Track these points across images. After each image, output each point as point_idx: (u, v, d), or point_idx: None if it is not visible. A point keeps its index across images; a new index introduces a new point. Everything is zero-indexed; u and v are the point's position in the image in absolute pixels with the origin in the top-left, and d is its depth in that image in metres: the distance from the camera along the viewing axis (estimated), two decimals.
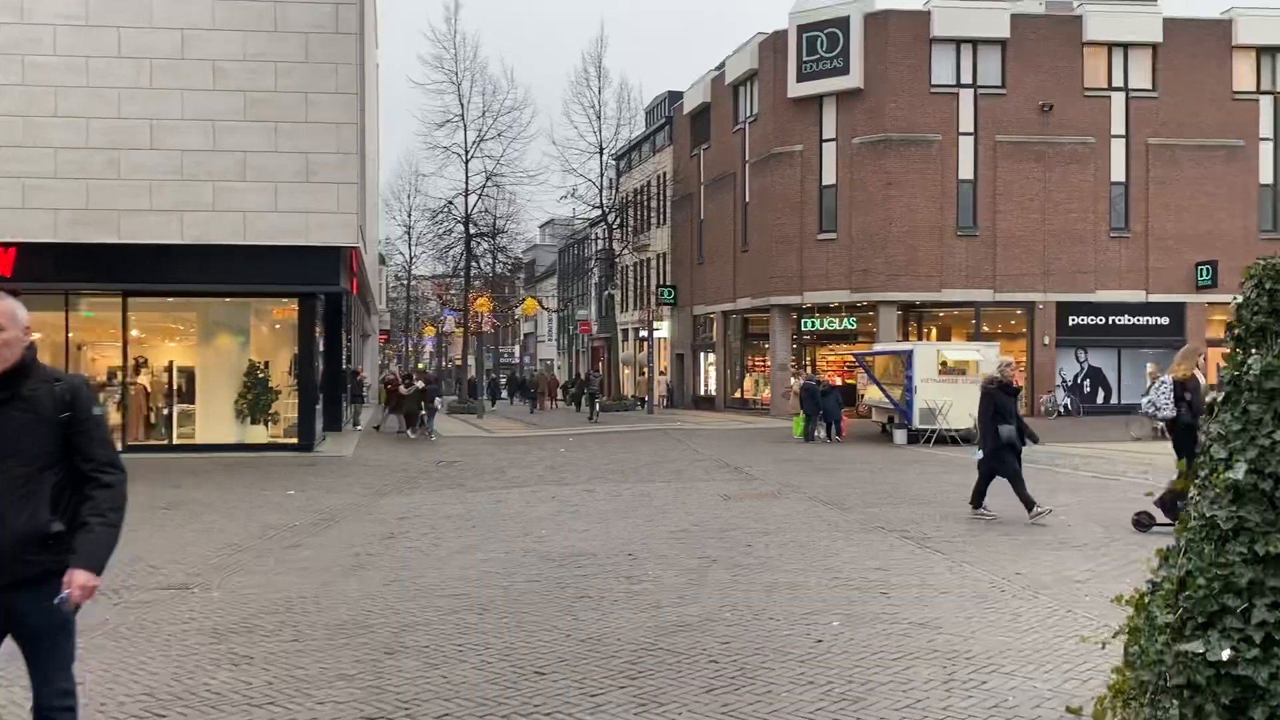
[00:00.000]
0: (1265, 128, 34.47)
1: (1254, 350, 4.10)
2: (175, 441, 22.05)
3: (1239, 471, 3.88)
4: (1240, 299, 4.30)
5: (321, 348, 26.66)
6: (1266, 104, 34.48)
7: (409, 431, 27.33)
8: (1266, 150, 34.51)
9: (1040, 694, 5.05)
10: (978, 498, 11.43)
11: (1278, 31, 34.02)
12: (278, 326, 23.48)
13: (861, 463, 18.79)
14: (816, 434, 26.25)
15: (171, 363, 22.58)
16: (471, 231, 41.88)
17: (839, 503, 12.64)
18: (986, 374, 11.88)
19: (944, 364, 24.63)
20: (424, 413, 27.21)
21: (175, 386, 22.49)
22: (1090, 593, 7.44)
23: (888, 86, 33.48)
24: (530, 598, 7.57)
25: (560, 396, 50.05)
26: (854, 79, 33.57)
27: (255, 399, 22.29)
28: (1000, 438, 11.09)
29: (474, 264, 44.06)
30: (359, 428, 29.69)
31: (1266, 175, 34.54)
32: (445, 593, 7.79)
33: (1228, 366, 4.20)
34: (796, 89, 34.64)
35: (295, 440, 22.11)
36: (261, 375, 22.36)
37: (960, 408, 23.93)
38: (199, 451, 21.42)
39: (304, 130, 21.01)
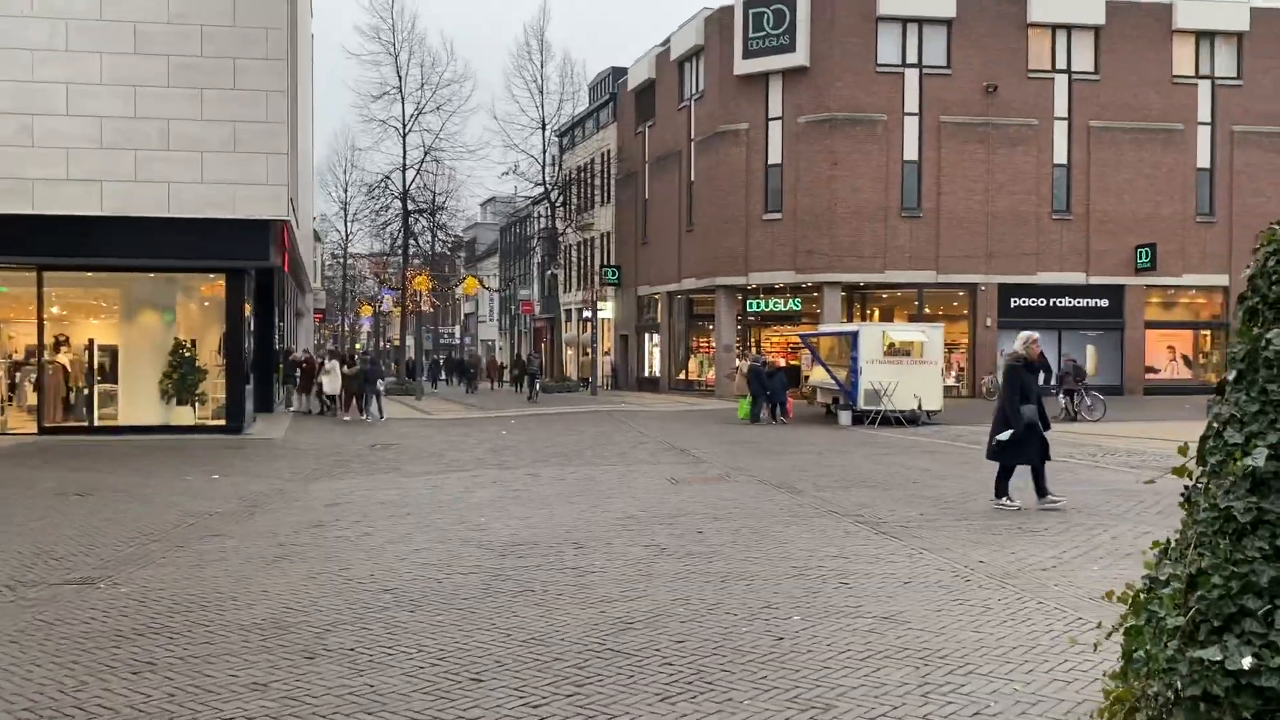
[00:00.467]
0: (1203, 112, 34.83)
1: (1275, 324, 3.69)
2: (96, 423, 21.05)
3: (1259, 458, 3.48)
4: (1253, 268, 3.89)
5: (253, 326, 25.78)
6: (1204, 88, 34.83)
7: (345, 414, 26.66)
8: (1204, 134, 34.89)
9: (1024, 699, 4.65)
10: (1001, 488, 10.54)
11: (1216, 16, 34.36)
12: (206, 304, 22.50)
13: (808, 445, 18.49)
14: (762, 415, 25.99)
15: (92, 341, 21.52)
16: (410, 208, 40.86)
17: (789, 486, 12.25)
18: (1010, 351, 10.73)
19: (890, 345, 24.43)
20: (365, 394, 26.52)
21: (97, 366, 21.44)
22: (1058, 581, 7.11)
23: (833, 65, 33.20)
24: (468, 592, 7.03)
25: (504, 378, 49.35)
26: (800, 57, 33.21)
27: (181, 379, 21.33)
28: (1023, 419, 10.20)
29: (412, 242, 43.07)
30: (292, 409, 28.76)
31: (1203, 159, 34.92)
32: (375, 587, 7.23)
33: (1240, 341, 3.79)
34: (742, 66, 34.20)
35: (224, 422, 21.23)
36: (188, 354, 21.41)
37: (905, 388, 23.84)
38: (121, 434, 20.45)
39: (231, 98, 20.05)
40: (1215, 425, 3.78)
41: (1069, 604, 6.39)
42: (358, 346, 73.26)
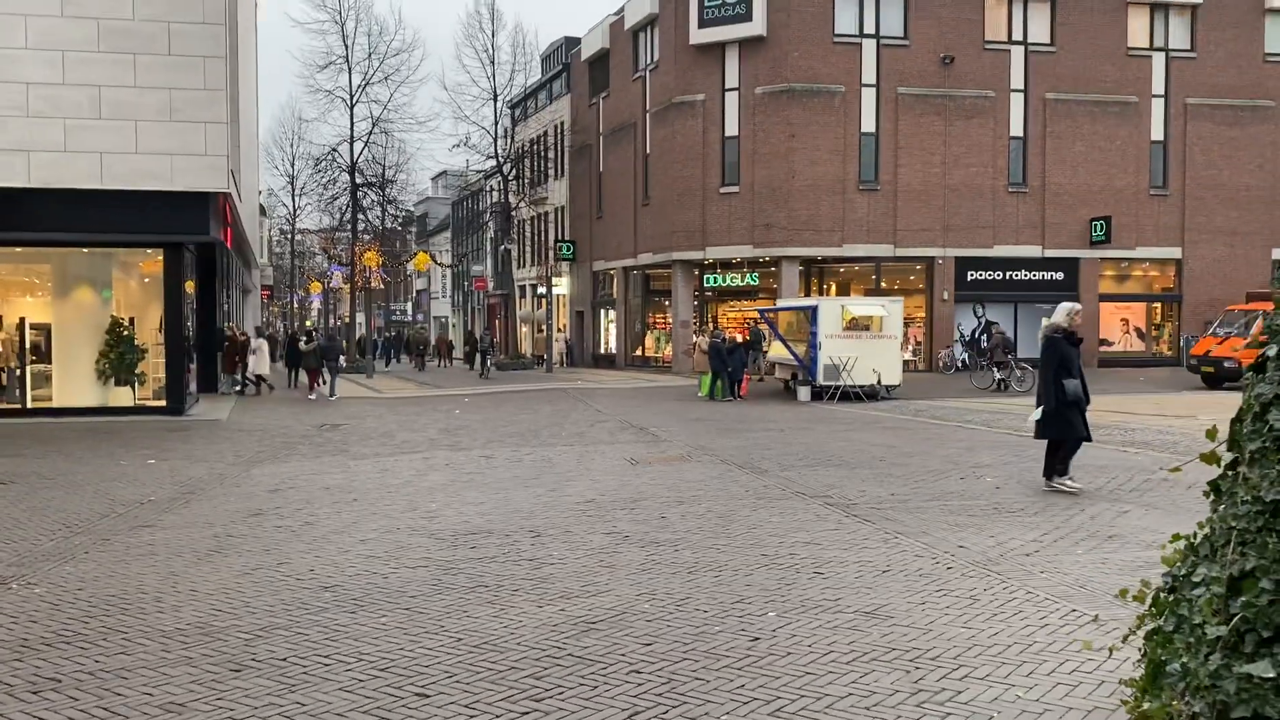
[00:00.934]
0: (1157, 85, 34.83)
1: None
2: (29, 405, 20.14)
3: None
4: None
5: (195, 304, 24.87)
6: (1159, 61, 34.82)
7: (311, 394, 26.26)
8: (1158, 107, 34.90)
9: (1031, 708, 4.24)
10: (1050, 467, 10.02)
11: None
12: (146, 280, 21.60)
13: (769, 422, 18.11)
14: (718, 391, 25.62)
15: (24, 319, 20.56)
16: (358, 181, 39.81)
17: (753, 466, 11.83)
18: (1050, 321, 10.17)
19: (849, 320, 24.13)
20: (327, 371, 26.34)
21: (29, 345, 20.48)
22: (1043, 567, 6.74)
23: (791, 35, 32.70)
24: (415, 589, 6.51)
25: (454, 355, 48.58)
26: (757, 26, 32.66)
27: (119, 358, 20.48)
28: (1066, 394, 9.69)
29: (361, 216, 42.02)
30: (239, 389, 27.85)
31: (1157, 132, 34.95)
32: (314, 584, 6.68)
33: None
34: (698, 35, 33.57)
35: (164, 403, 20.41)
36: (126, 333, 20.56)
37: (864, 363, 23.58)
38: (57, 416, 19.59)
39: (166, 64, 19.08)
40: (1255, 407, 3.36)
41: (1059, 593, 6.02)
42: (309, 324, 71.83)
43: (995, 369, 25.73)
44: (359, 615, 5.90)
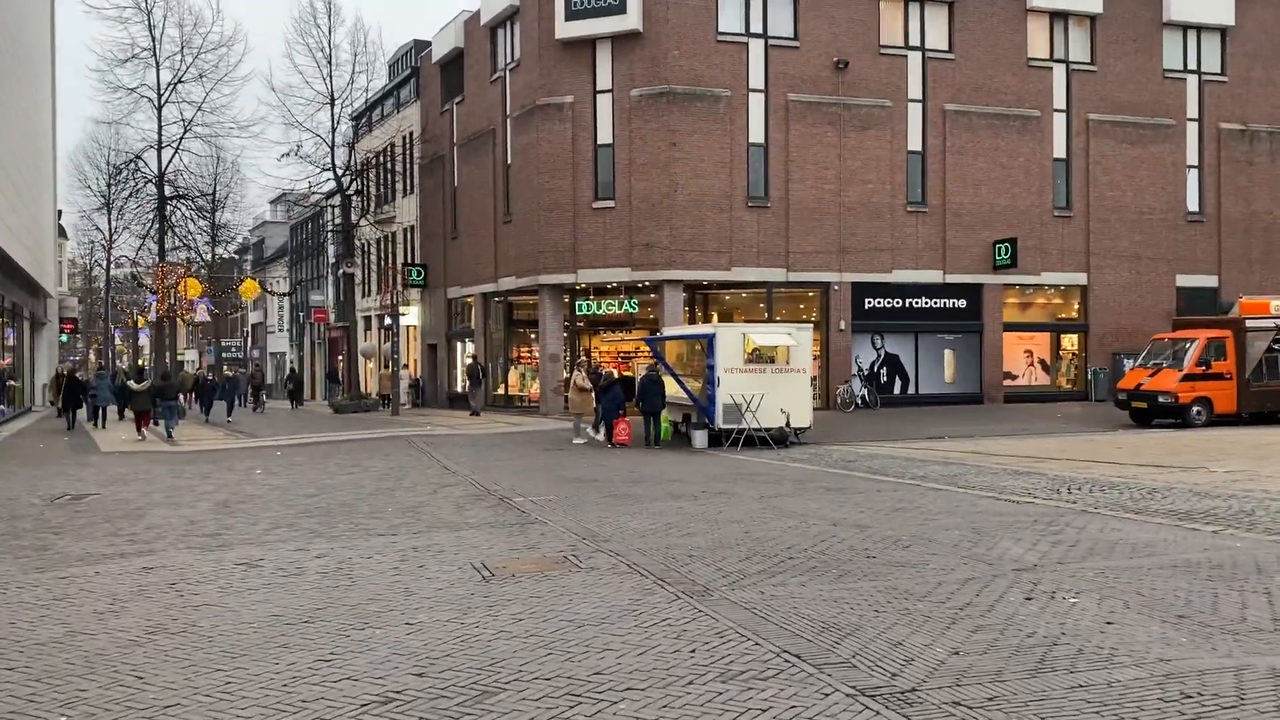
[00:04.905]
0: (1059, 98, 32.47)
1: None
2: None
3: None
4: None
5: None
6: (1059, 73, 32.48)
7: (139, 434, 23.87)
8: (1059, 122, 32.52)
9: None
10: None
11: None
12: None
13: (672, 480, 13.77)
14: (591, 434, 21.40)
15: None
16: (167, 194, 33.92)
17: (680, 576, 7.39)
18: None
19: (753, 350, 20.12)
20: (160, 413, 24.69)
21: None
22: None
23: (670, 30, 28.87)
24: None
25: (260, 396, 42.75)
26: (632, 19, 28.72)
27: None
28: None
29: (173, 235, 36.03)
30: None
31: (1060, 149, 32.54)
32: None
33: None
34: (565, 29, 29.40)
35: None
36: None
37: (771, 402, 19.62)
38: None
39: None
40: None
41: None
42: (141, 362, 63.83)
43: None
44: None
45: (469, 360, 33.68)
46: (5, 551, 9.35)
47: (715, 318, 31.11)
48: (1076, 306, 33.16)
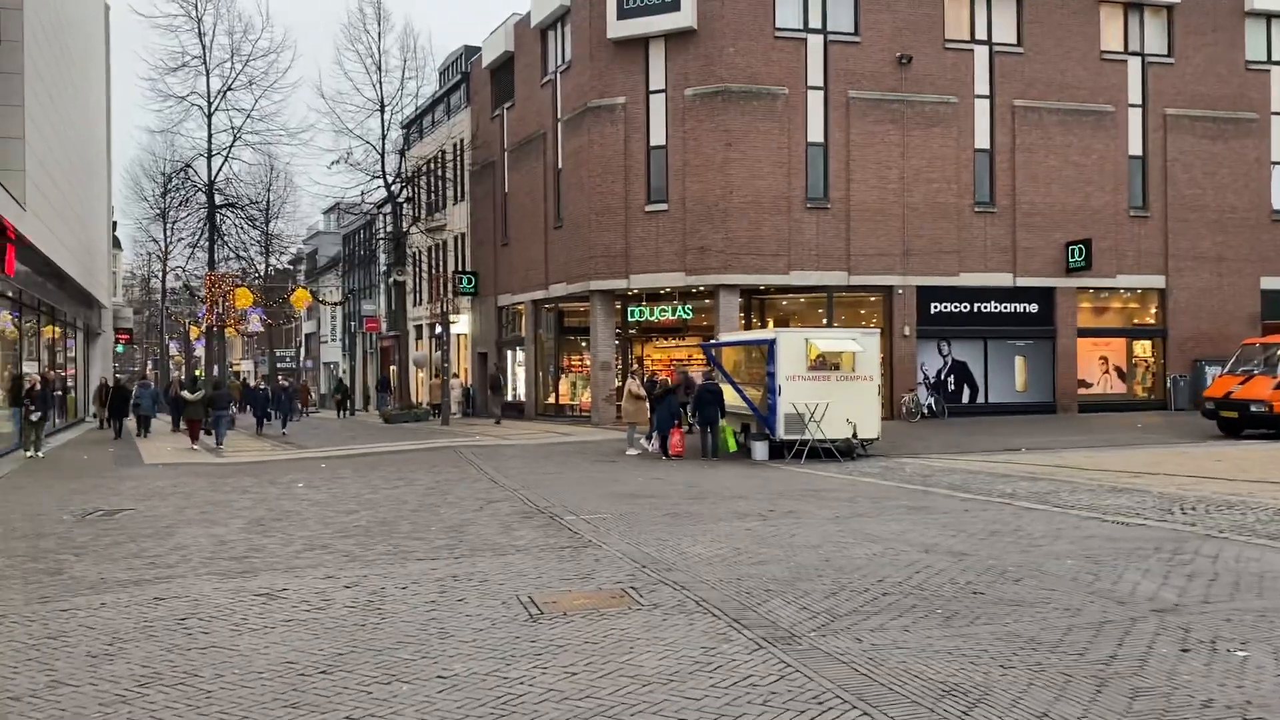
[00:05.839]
0: (1134, 93, 30.92)
1: None
2: None
3: None
4: None
5: None
6: (1134, 66, 30.94)
7: (193, 444, 23.99)
8: (1135, 118, 30.96)
9: None
10: None
11: None
12: None
13: (735, 497, 12.74)
14: (645, 445, 20.48)
15: None
16: (218, 201, 33.62)
17: (761, 618, 6.36)
18: None
19: (817, 357, 19.01)
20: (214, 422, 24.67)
21: None
22: None
23: (725, 27, 27.89)
24: None
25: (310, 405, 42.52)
26: (685, 16, 27.78)
27: None
28: None
29: (223, 244, 35.71)
30: (39, 453, 21.46)
31: (1135, 146, 30.98)
32: None
33: None
34: (617, 28, 28.56)
35: None
36: None
37: (837, 411, 18.49)
38: None
39: None
40: None
41: None
42: (197, 373, 64.09)
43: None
44: None
45: (491, 370, 33.18)
46: (16, 576, 8.60)
47: (771, 324, 29.96)
48: (1154, 311, 31.52)
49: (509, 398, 34.87)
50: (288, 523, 11.52)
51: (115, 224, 47.39)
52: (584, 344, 31.18)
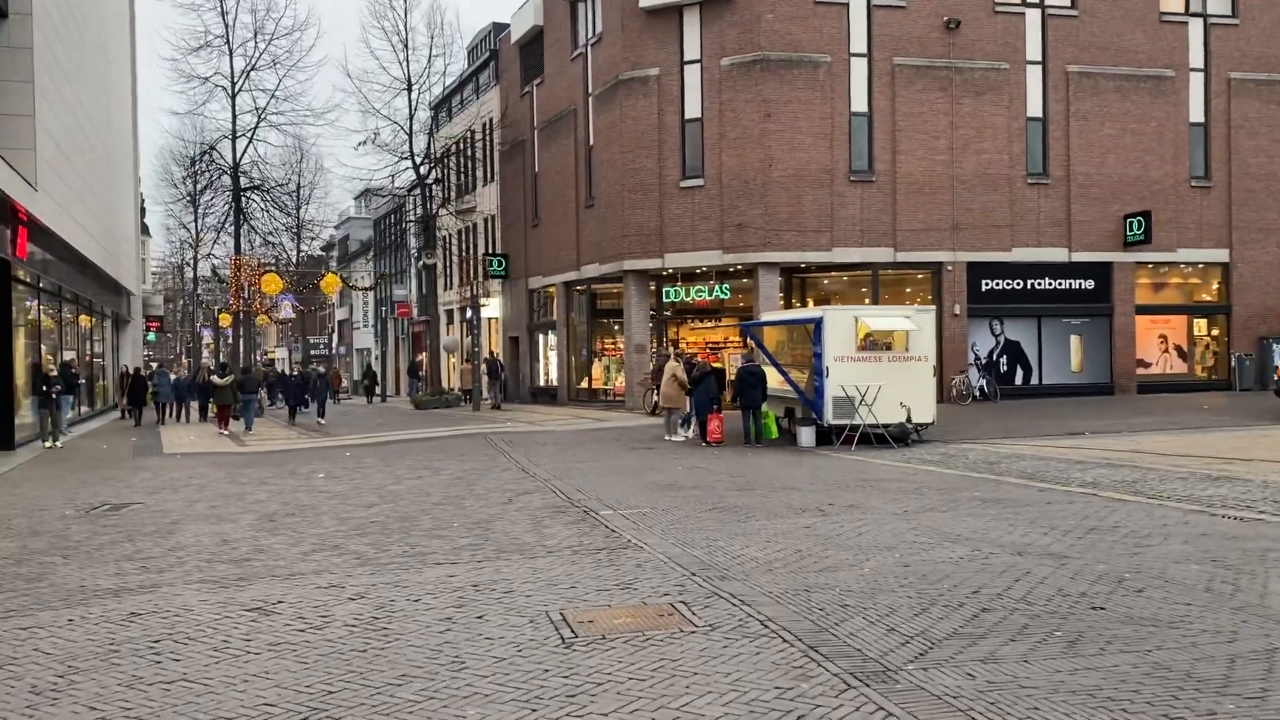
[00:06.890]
0: (1195, 56, 29.28)
1: None
2: None
3: None
4: None
5: None
6: (1196, 28, 29.29)
7: (221, 429, 24.16)
8: (1196, 83, 29.33)
9: None
10: None
11: None
12: None
13: (786, 488, 11.64)
14: (684, 432, 19.45)
15: None
16: (243, 184, 32.85)
17: (843, 641, 5.27)
18: None
19: (866, 336, 17.83)
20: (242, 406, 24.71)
21: None
22: None
23: None
24: None
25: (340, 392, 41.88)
26: None
27: None
28: None
29: (256, 232, 34.97)
30: (57, 443, 20.70)
31: (1197, 113, 29.36)
32: None
33: None
34: None
35: None
36: None
37: (889, 395, 17.30)
38: None
39: None
40: None
41: None
42: (223, 360, 63.63)
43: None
44: None
45: (487, 356, 32.36)
46: (18, 581, 7.68)
47: (812, 303, 28.75)
48: (1216, 286, 29.94)
49: (541, 382, 33.90)
50: (300, 518, 10.57)
51: (144, 210, 46.90)
52: (617, 327, 30.11)
